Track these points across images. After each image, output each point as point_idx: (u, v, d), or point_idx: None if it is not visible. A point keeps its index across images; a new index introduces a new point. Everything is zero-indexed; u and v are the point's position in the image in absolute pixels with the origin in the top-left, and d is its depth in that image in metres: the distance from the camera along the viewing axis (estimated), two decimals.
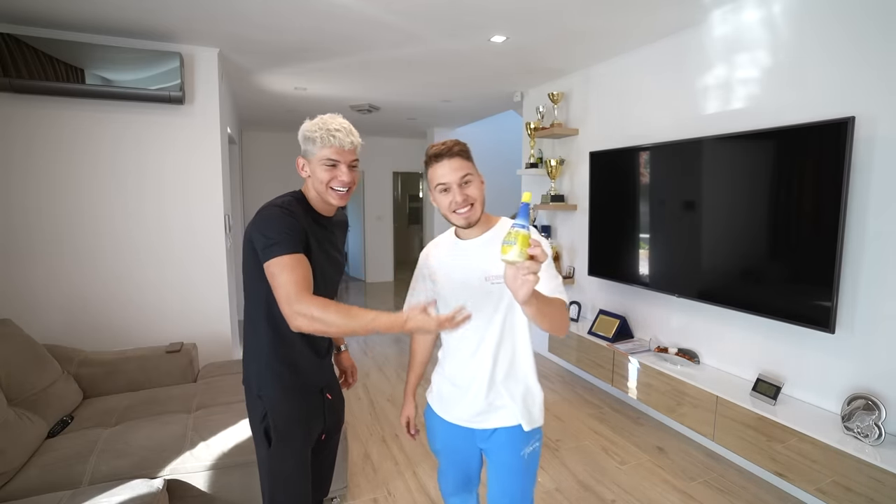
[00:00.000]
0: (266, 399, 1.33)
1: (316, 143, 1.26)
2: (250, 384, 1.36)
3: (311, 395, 1.40)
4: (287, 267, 1.15)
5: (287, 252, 1.16)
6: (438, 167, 1.22)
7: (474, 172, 1.25)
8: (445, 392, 1.39)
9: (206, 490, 1.82)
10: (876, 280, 1.98)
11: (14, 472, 1.69)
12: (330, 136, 1.25)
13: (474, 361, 1.31)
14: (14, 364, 2.04)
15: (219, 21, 2.62)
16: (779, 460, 2.08)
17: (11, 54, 2.48)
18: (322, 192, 1.30)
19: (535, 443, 1.35)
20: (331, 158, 1.27)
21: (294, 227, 1.21)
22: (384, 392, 3.53)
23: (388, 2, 2.38)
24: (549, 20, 2.64)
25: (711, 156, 2.57)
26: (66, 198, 2.80)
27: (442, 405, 1.40)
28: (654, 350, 2.99)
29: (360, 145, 1.33)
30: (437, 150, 1.23)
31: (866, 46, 1.98)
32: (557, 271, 1.29)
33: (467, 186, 1.23)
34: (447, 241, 1.39)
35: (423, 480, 2.40)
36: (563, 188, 3.95)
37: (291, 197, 1.32)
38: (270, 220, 1.21)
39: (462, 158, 1.23)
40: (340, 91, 4.41)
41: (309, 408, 1.39)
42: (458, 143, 1.25)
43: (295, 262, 1.16)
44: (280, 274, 1.14)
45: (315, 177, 1.29)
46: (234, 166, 4.95)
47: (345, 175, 1.29)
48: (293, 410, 1.34)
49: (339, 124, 1.27)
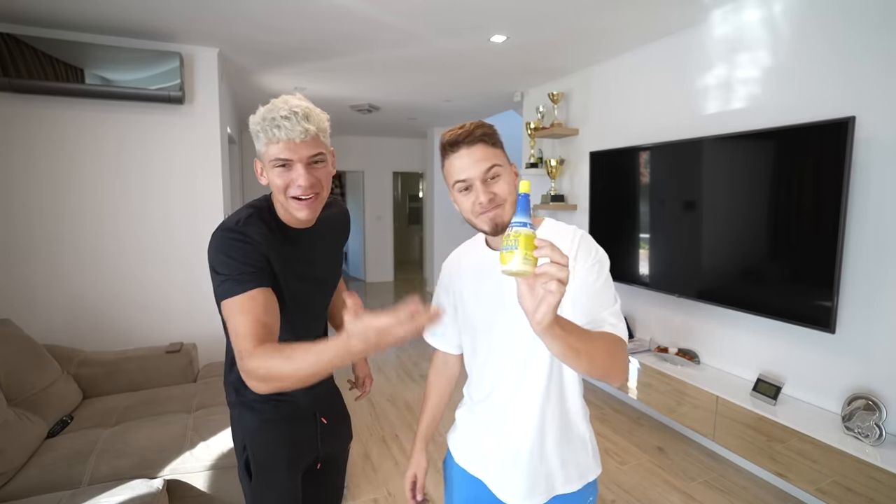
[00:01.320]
0: (245, 430, 1.15)
1: (259, 138, 0.97)
2: (231, 407, 1.18)
3: (300, 422, 1.18)
4: (236, 313, 0.92)
5: (236, 292, 0.93)
6: (455, 159, 0.93)
7: (504, 162, 0.94)
8: (476, 436, 1.08)
9: (206, 490, 1.81)
10: (876, 280, 1.98)
11: (14, 472, 1.69)
12: (273, 128, 0.94)
13: (514, 409, 1.00)
14: (14, 364, 2.04)
15: (219, 21, 2.62)
16: (779, 460, 2.08)
17: (11, 54, 2.48)
18: (283, 203, 1.02)
19: (590, 496, 1.06)
20: (279, 158, 0.96)
21: (246, 256, 0.96)
22: (384, 392, 3.53)
23: (388, 2, 2.38)
24: (549, 20, 2.64)
25: (712, 156, 2.57)
26: (66, 197, 2.79)
27: (467, 454, 1.10)
28: (654, 350, 2.99)
29: (323, 132, 1.00)
30: (454, 137, 0.93)
31: (866, 46, 1.98)
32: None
33: (494, 182, 0.93)
34: (475, 252, 1.08)
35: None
36: (563, 188, 3.95)
37: (253, 209, 1.05)
38: (218, 252, 0.97)
39: (486, 145, 0.92)
40: (340, 91, 4.40)
41: (295, 438, 1.17)
42: (481, 124, 0.94)
43: (246, 305, 0.92)
44: (229, 321, 0.93)
45: (271, 184, 1.00)
46: (234, 166, 4.95)
47: (301, 178, 0.97)
48: (275, 443, 1.15)
49: (289, 108, 0.95)
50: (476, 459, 1.08)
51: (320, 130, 0.99)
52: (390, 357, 4.34)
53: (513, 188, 0.95)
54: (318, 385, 1.16)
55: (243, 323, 0.90)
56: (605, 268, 0.95)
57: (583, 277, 0.93)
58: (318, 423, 1.21)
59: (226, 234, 0.99)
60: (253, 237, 0.99)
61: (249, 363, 0.85)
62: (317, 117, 0.99)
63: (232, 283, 0.93)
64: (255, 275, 0.95)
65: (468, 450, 1.11)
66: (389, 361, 4.22)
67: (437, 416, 1.23)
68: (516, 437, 1.00)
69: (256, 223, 1.02)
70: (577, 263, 0.94)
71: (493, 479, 1.05)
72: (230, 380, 1.16)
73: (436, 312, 0.72)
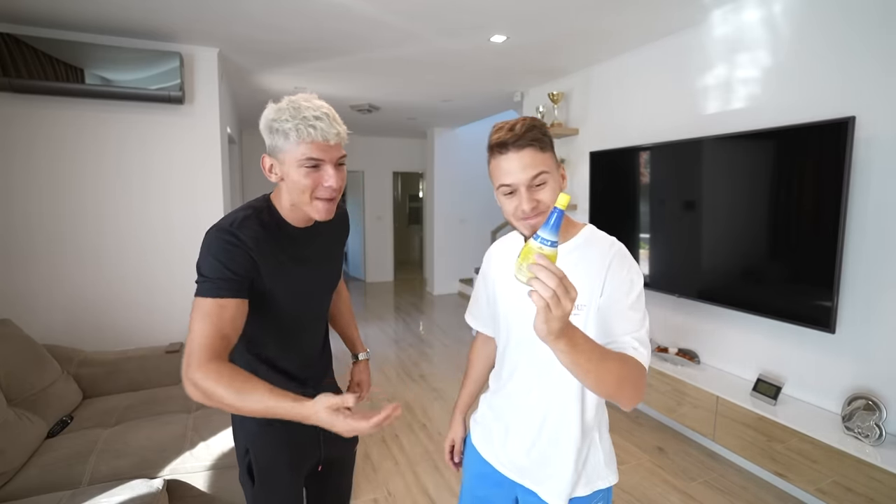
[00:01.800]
0: (246, 433, 1.12)
1: (289, 137, 0.94)
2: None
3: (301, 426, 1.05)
4: (203, 315, 0.91)
5: (210, 294, 0.92)
6: (503, 160, 0.89)
7: (552, 168, 0.90)
8: (489, 423, 1.14)
9: (206, 490, 1.81)
10: (876, 280, 1.98)
11: (14, 472, 1.69)
12: (308, 128, 0.93)
13: (530, 401, 1.03)
14: (14, 364, 2.04)
15: (219, 21, 2.62)
16: (779, 460, 2.08)
17: (11, 54, 2.48)
18: (302, 203, 0.99)
19: (599, 502, 1.05)
20: (312, 158, 0.95)
21: (233, 261, 0.95)
22: (384, 392, 3.53)
23: (388, 1, 2.38)
24: (549, 20, 2.64)
25: (712, 156, 2.57)
26: (66, 198, 2.79)
27: (483, 438, 1.15)
28: (654, 350, 2.99)
29: (346, 136, 1.01)
30: (502, 138, 0.89)
31: (866, 46, 1.98)
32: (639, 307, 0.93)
33: (540, 189, 0.89)
34: (512, 244, 1.11)
35: (423, 480, 2.40)
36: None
37: (251, 210, 1.02)
38: (208, 251, 0.96)
39: (536, 149, 0.88)
40: (340, 91, 4.40)
41: (297, 441, 1.14)
42: (532, 126, 0.89)
43: (215, 311, 0.91)
44: (194, 321, 0.91)
45: (291, 183, 0.98)
46: (234, 166, 4.95)
47: (332, 178, 0.97)
48: (277, 447, 1.12)
49: (318, 109, 0.95)
50: (486, 441, 1.14)
51: (345, 136, 1.01)
52: (390, 357, 4.34)
53: (558, 193, 0.90)
54: (321, 387, 1.18)
55: (203, 329, 0.90)
56: (635, 288, 0.94)
57: (610, 294, 0.92)
58: (319, 430, 1.13)
59: (219, 234, 0.97)
60: (245, 241, 0.97)
61: (195, 374, 0.86)
62: (341, 122, 1.01)
63: (209, 284, 0.93)
64: (234, 283, 0.94)
65: (481, 432, 1.17)
66: (389, 361, 4.22)
67: (474, 391, 1.28)
68: (523, 428, 1.04)
69: (252, 225, 1.00)
70: (608, 278, 0.93)
71: (492, 446, 1.12)
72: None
73: (396, 414, 0.84)
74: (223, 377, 0.86)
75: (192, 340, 0.90)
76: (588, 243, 1.00)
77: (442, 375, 3.87)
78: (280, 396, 0.84)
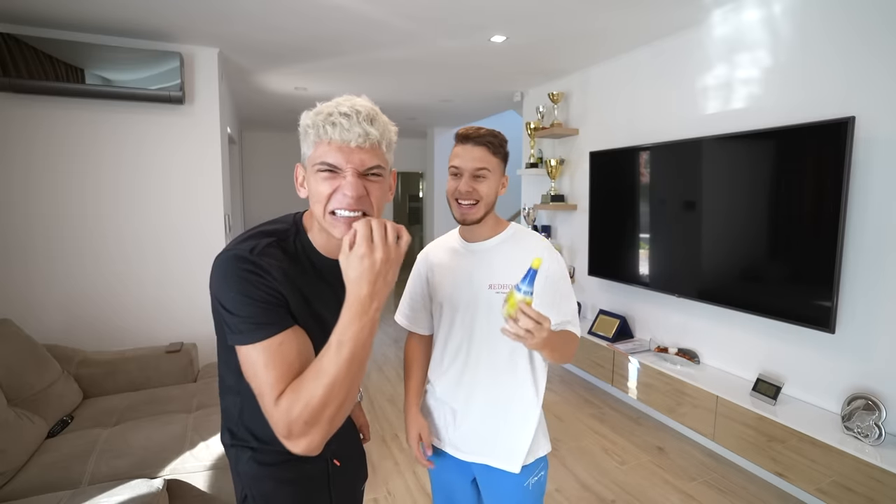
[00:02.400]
0: (244, 476, 0.95)
1: (309, 137, 0.80)
2: (227, 451, 0.99)
3: (309, 465, 0.96)
4: (261, 362, 0.74)
5: (259, 338, 0.75)
6: (460, 148, 1.12)
7: (495, 170, 1.12)
8: (436, 412, 1.26)
9: (206, 490, 1.81)
10: (876, 280, 1.98)
11: (14, 472, 1.69)
12: (327, 125, 0.77)
13: (470, 380, 1.18)
14: (14, 364, 2.04)
15: (219, 21, 2.62)
16: (779, 460, 2.08)
17: (11, 54, 2.48)
18: (319, 218, 0.82)
19: (541, 472, 1.21)
20: (325, 162, 0.78)
21: (267, 291, 0.78)
22: (384, 392, 3.53)
23: (388, 2, 2.38)
24: (549, 20, 2.64)
25: (711, 156, 2.57)
26: (66, 197, 2.79)
27: (432, 428, 1.26)
28: (654, 350, 2.99)
29: (387, 143, 0.83)
30: (466, 132, 1.12)
31: (867, 46, 1.98)
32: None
33: (479, 181, 1.11)
34: (450, 242, 1.27)
35: (423, 480, 2.40)
36: (563, 188, 3.95)
37: (274, 237, 0.84)
38: (230, 287, 0.78)
39: (488, 150, 1.10)
40: (340, 91, 4.34)
41: (304, 485, 0.97)
42: (494, 133, 1.12)
43: (275, 353, 0.75)
44: (257, 377, 0.75)
45: (311, 194, 0.82)
46: (234, 166, 4.95)
47: (348, 186, 0.77)
48: (282, 492, 0.95)
49: (352, 106, 0.78)
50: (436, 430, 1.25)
51: (384, 139, 0.82)
52: (390, 357, 4.34)
53: (492, 193, 1.13)
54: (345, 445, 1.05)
55: (272, 376, 0.73)
56: (566, 280, 1.19)
57: (547, 287, 1.13)
58: (331, 465, 1.01)
59: (238, 264, 0.78)
60: (270, 271, 0.79)
61: (280, 421, 0.71)
62: (383, 124, 0.82)
63: (250, 327, 0.76)
64: (280, 314, 0.78)
65: (430, 423, 1.27)
66: (389, 361, 4.22)
67: (421, 378, 1.32)
68: (467, 391, 1.18)
69: (275, 253, 0.82)
70: (549, 274, 1.14)
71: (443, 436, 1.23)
72: (225, 419, 0.97)
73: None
74: (295, 391, 0.72)
75: (260, 394, 0.74)
76: (516, 237, 1.20)
77: None
78: (337, 329, 0.72)
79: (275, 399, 0.72)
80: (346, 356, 0.70)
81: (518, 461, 1.16)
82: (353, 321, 0.71)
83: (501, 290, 1.12)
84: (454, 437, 1.21)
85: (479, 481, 1.23)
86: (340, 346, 0.71)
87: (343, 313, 0.72)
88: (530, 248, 1.16)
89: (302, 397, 0.70)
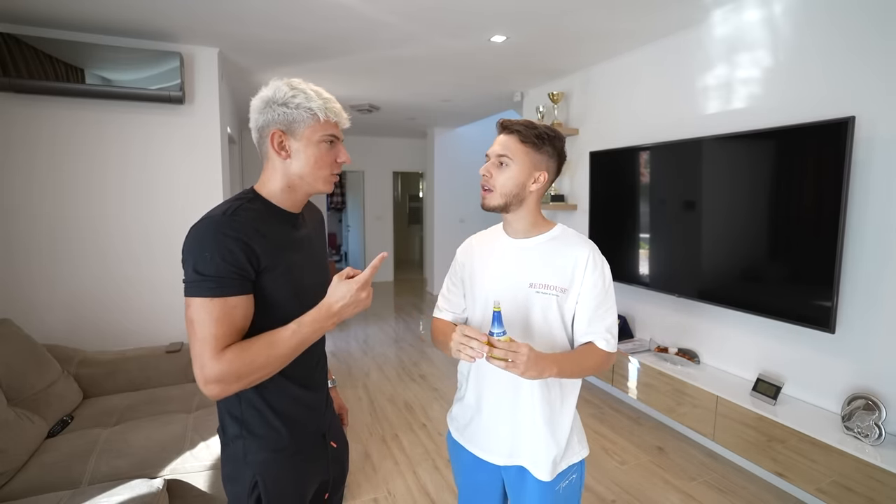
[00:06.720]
0: (255, 465, 1.01)
1: (318, 116, 0.98)
2: (228, 440, 1.03)
3: (313, 448, 1.11)
4: (211, 316, 0.86)
5: (216, 294, 0.87)
6: (498, 137, 1.12)
7: (519, 160, 1.08)
8: (464, 416, 1.23)
9: (206, 490, 1.81)
10: (876, 280, 1.98)
11: (14, 472, 1.69)
12: (332, 110, 1.00)
13: (505, 383, 1.12)
14: (14, 364, 2.04)
15: (219, 21, 2.62)
16: (779, 460, 2.08)
17: (11, 54, 2.48)
18: (314, 179, 1.01)
19: (573, 474, 1.16)
20: (334, 134, 1.02)
21: (233, 255, 0.89)
22: (384, 392, 3.53)
23: (388, 2, 2.38)
24: (549, 20, 2.64)
25: (712, 155, 2.57)
26: (66, 197, 2.79)
27: (464, 433, 1.23)
28: (654, 350, 2.99)
29: None
30: (504, 122, 1.11)
31: (866, 46, 1.98)
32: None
33: (500, 168, 1.09)
34: (493, 236, 1.22)
35: (423, 480, 2.40)
36: (563, 188, 3.95)
37: (243, 200, 0.99)
38: (202, 246, 0.89)
39: (517, 139, 1.08)
40: (340, 91, 4.40)
41: (309, 466, 1.09)
42: (529, 124, 1.08)
43: (225, 311, 0.87)
44: (199, 323, 0.86)
45: (307, 157, 0.99)
46: (234, 166, 4.95)
47: (345, 155, 1.05)
48: (291, 473, 1.05)
49: (332, 97, 1.04)
50: (465, 434, 1.23)
51: None
52: (390, 357, 4.34)
53: (512, 184, 1.08)
54: (324, 407, 1.15)
55: (214, 330, 0.86)
56: (609, 287, 1.12)
57: (586, 296, 1.09)
58: (329, 447, 1.15)
59: (212, 225, 0.91)
60: (246, 226, 0.92)
61: (215, 367, 0.84)
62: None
63: (212, 283, 0.87)
64: (239, 280, 0.90)
65: (457, 426, 1.26)
66: (389, 361, 4.23)
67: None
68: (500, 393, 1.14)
69: (247, 211, 0.96)
70: (585, 278, 1.09)
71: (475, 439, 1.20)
72: (229, 409, 1.02)
73: (382, 255, 0.98)
74: (243, 349, 0.87)
75: (202, 343, 0.85)
76: (562, 238, 1.15)
77: (442, 375, 3.87)
78: (299, 320, 0.92)
79: (219, 350, 0.86)
80: (297, 341, 0.92)
81: (546, 469, 1.11)
82: (316, 320, 0.93)
83: (542, 291, 1.09)
84: (483, 442, 1.18)
85: (506, 481, 1.20)
86: (296, 332, 0.91)
87: (311, 312, 0.93)
88: (570, 255, 1.10)
89: (247, 356, 0.87)
